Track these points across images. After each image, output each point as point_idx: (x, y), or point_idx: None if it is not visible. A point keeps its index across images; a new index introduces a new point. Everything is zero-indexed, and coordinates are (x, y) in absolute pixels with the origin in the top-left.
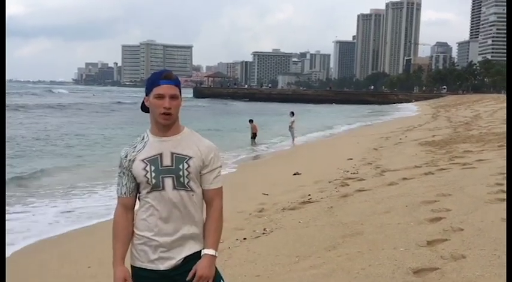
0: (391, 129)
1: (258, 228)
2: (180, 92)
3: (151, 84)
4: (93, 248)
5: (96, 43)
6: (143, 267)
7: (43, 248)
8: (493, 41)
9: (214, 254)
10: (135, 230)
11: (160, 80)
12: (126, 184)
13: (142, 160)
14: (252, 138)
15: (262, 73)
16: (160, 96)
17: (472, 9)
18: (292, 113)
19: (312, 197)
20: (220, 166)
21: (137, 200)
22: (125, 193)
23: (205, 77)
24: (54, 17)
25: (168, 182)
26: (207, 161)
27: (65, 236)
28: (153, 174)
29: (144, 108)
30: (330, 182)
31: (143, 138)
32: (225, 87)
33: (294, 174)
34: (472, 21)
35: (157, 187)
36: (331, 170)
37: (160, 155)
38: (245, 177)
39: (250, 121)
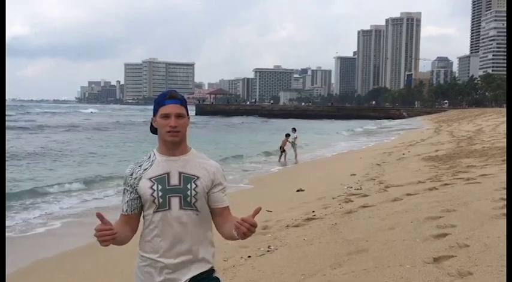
0: (394, 144)
1: (262, 245)
2: (187, 111)
3: (157, 104)
4: (95, 269)
5: (99, 62)
6: None
7: (47, 266)
8: (493, 55)
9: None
10: (140, 252)
11: (166, 100)
12: (127, 202)
13: (149, 179)
14: (280, 151)
15: (264, 89)
16: (166, 116)
17: (472, 24)
18: (294, 129)
19: (316, 213)
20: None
21: (142, 219)
22: (126, 210)
23: (208, 94)
24: (58, 37)
25: (175, 202)
26: (217, 180)
27: (68, 253)
28: (160, 194)
29: (153, 130)
30: (333, 198)
31: (150, 157)
32: (227, 103)
33: (298, 191)
34: (472, 36)
35: (163, 207)
36: (335, 186)
37: (168, 174)
38: (247, 194)
39: (287, 135)
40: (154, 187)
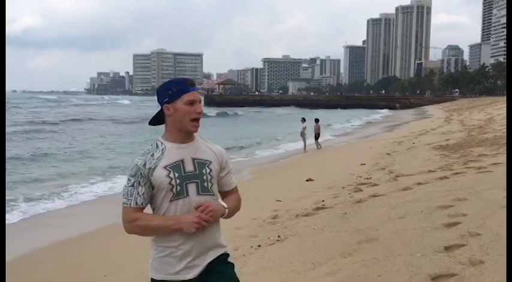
0: (404, 133)
1: (272, 235)
2: None
3: (179, 91)
4: (106, 255)
5: (108, 53)
6: (166, 279)
7: (54, 255)
8: (505, 43)
9: (227, 206)
10: (155, 243)
11: (189, 86)
12: (143, 194)
13: (164, 167)
14: (315, 138)
15: (273, 79)
16: (192, 103)
17: (483, 12)
18: (304, 119)
19: (326, 203)
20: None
21: (155, 211)
22: (142, 203)
23: (216, 84)
24: (68, 28)
25: (192, 188)
26: (224, 164)
27: (76, 242)
28: (178, 181)
29: (156, 121)
30: (343, 188)
31: (158, 146)
32: (239, 93)
33: (307, 180)
34: (483, 24)
35: (181, 194)
36: (344, 176)
37: (182, 161)
38: (258, 184)
39: (316, 120)
40: (171, 175)
